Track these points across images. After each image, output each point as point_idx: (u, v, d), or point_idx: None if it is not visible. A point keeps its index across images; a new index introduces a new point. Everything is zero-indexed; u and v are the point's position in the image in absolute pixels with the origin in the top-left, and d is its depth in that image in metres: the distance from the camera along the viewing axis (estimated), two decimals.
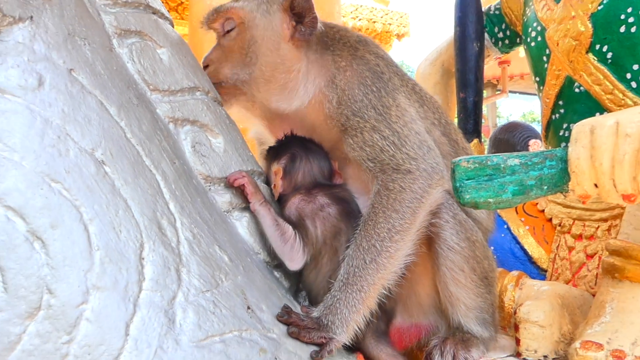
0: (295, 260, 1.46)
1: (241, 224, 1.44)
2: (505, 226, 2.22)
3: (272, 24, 1.62)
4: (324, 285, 1.47)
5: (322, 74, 1.63)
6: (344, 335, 1.37)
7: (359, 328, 1.41)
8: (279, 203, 1.58)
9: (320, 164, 1.62)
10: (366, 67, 1.62)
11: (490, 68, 8.80)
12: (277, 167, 1.60)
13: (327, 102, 1.60)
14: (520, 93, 13.24)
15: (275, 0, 1.64)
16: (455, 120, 2.39)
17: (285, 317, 1.31)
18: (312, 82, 1.63)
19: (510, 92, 10.88)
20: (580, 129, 1.22)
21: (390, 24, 8.38)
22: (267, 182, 1.63)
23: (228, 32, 1.66)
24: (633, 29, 1.92)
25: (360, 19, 8.07)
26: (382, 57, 1.70)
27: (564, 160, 1.24)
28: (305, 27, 1.61)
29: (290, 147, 1.63)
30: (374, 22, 8.17)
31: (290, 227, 1.47)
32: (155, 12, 1.45)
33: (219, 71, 1.66)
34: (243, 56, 1.64)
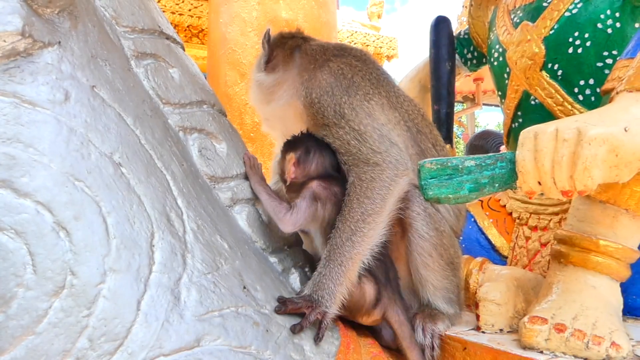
0: (286, 224, 1.48)
1: (241, 217, 1.46)
2: (472, 219, 2.23)
3: (256, 66, 1.85)
4: None
5: (292, 86, 1.71)
6: (334, 307, 1.38)
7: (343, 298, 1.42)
8: (290, 189, 1.60)
9: (331, 158, 1.61)
10: (328, 72, 1.64)
11: (467, 84, 8.79)
12: (291, 155, 1.59)
13: (298, 105, 1.67)
14: (496, 106, 13.18)
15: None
16: None
17: (282, 309, 1.31)
18: (286, 92, 1.72)
19: (485, 105, 10.86)
20: (526, 134, 1.22)
21: (381, 47, 8.38)
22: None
23: None
24: (579, 50, 1.93)
25: (355, 43, 8.07)
26: (351, 64, 1.68)
27: (513, 162, 1.24)
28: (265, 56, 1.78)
29: (304, 141, 1.62)
30: (367, 45, 8.17)
31: (284, 202, 1.51)
32: (168, 37, 1.46)
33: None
34: None
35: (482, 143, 5.13)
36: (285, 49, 1.77)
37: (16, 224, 0.99)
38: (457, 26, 5.21)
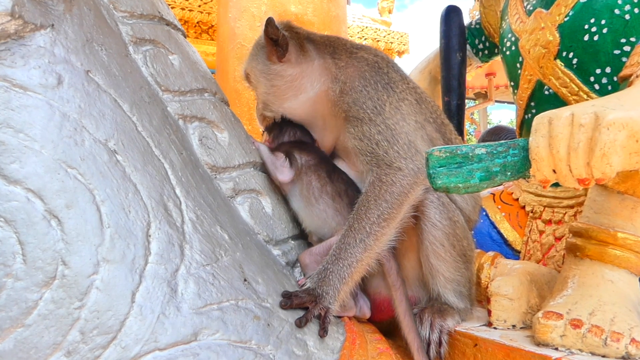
0: (284, 173, 1.54)
1: (243, 208, 1.41)
2: (484, 213, 2.16)
3: (259, 59, 1.72)
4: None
5: (326, 74, 1.65)
6: (336, 304, 1.35)
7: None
8: None
9: (305, 135, 1.69)
10: (365, 63, 1.62)
11: (479, 80, 8.69)
12: (266, 134, 1.72)
13: (332, 92, 1.61)
14: (508, 103, 13.02)
15: (260, 42, 1.73)
16: None
17: (288, 303, 1.27)
18: (318, 80, 1.65)
19: (498, 101, 10.73)
20: (540, 120, 1.16)
21: (392, 43, 8.29)
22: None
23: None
24: (596, 38, 1.86)
25: (365, 39, 8.00)
26: (381, 56, 1.68)
27: (526, 149, 1.18)
28: (280, 46, 1.65)
29: (279, 124, 1.72)
30: (378, 41, 8.10)
31: (281, 153, 1.58)
32: (168, 23, 1.42)
33: (261, 112, 1.77)
34: (258, 93, 1.76)
35: (494, 139, 5.04)
36: (299, 38, 1.69)
37: (5, 212, 0.95)
38: (469, 20, 5.13)
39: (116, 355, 0.97)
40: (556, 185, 1.81)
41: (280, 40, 1.63)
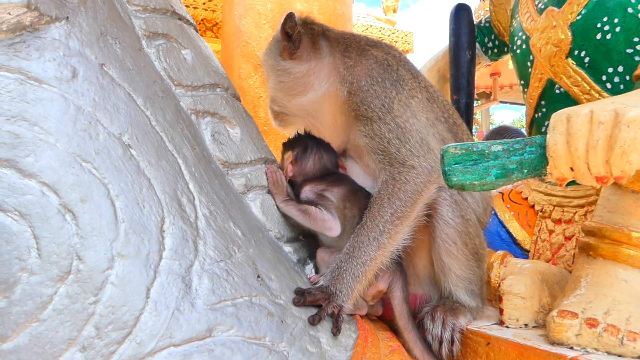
0: (332, 228, 1.45)
1: (255, 204, 1.39)
2: (493, 212, 2.15)
3: (272, 54, 1.70)
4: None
5: (334, 74, 1.62)
6: (349, 303, 1.34)
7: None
8: (290, 185, 1.56)
9: (329, 155, 1.60)
10: (373, 61, 1.59)
11: (483, 79, 8.66)
12: (289, 154, 1.59)
13: (340, 92, 1.59)
14: (511, 103, 12.99)
15: (277, 37, 1.70)
16: None
17: (301, 300, 1.26)
18: (326, 79, 1.62)
19: (501, 102, 10.71)
20: (558, 117, 1.15)
21: (396, 42, 8.26)
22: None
23: None
24: (608, 36, 1.84)
25: None
26: (392, 54, 1.65)
27: (543, 147, 1.17)
28: (292, 42, 1.62)
29: (303, 140, 1.62)
30: (382, 39, 8.08)
31: (312, 206, 1.46)
32: (181, 18, 1.41)
33: (270, 105, 1.79)
34: (268, 87, 1.76)
35: (499, 139, 5.03)
36: (313, 35, 1.66)
37: (20, 205, 0.94)
38: (475, 19, 5.11)
39: (131, 351, 0.96)
40: (568, 183, 1.80)
41: (294, 37, 1.61)
